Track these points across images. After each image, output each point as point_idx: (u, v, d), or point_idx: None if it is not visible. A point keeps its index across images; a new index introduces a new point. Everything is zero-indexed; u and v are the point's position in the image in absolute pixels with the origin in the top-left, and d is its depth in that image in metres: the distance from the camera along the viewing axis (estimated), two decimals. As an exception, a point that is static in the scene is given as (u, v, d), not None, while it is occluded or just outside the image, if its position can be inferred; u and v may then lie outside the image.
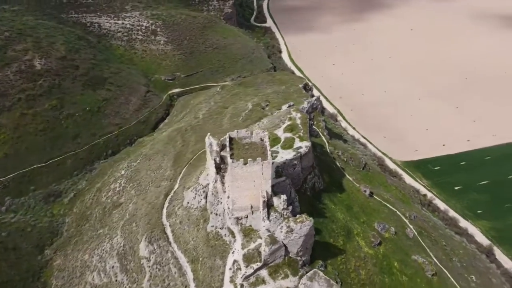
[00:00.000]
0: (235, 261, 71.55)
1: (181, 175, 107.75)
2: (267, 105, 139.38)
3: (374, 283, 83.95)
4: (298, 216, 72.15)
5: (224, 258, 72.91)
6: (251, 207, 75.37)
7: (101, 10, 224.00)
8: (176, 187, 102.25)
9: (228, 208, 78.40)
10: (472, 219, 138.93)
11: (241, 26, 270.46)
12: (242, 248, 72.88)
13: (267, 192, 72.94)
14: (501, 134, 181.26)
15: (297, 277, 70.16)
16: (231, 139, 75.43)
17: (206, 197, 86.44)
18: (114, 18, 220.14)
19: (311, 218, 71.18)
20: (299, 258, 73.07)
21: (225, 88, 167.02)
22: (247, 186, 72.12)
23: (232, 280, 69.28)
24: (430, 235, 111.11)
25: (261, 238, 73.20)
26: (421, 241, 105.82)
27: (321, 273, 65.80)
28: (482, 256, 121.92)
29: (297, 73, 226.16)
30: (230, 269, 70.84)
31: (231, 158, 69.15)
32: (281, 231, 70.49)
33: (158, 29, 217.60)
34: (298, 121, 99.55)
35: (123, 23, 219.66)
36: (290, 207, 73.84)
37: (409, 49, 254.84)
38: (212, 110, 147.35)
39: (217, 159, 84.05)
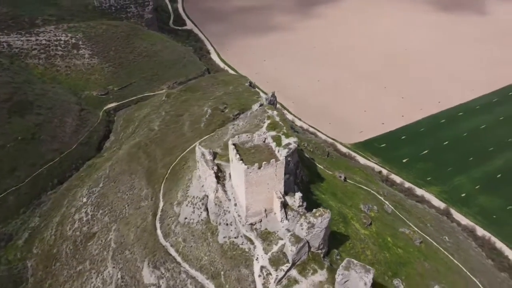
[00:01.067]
0: (262, 267, 70.15)
1: (161, 191, 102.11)
2: (225, 107, 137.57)
3: (380, 261, 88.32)
4: (315, 210, 72.80)
5: (250, 266, 71.08)
6: (265, 210, 74.63)
7: (8, 27, 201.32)
8: (161, 205, 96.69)
9: (239, 216, 76.72)
10: (425, 187, 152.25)
11: (163, 31, 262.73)
12: (266, 253, 71.71)
13: (280, 192, 72.76)
14: (426, 107, 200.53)
15: (325, 270, 71.01)
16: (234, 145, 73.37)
17: (206, 209, 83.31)
18: (26, 34, 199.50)
19: (328, 210, 72.41)
20: (320, 251, 74.12)
21: (171, 96, 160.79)
22: (261, 190, 71.02)
23: (265, 287, 67.94)
24: (404, 207, 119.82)
25: (281, 239, 72.79)
26: (399, 214, 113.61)
27: (355, 261, 67.26)
28: (444, 218, 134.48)
29: (232, 72, 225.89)
30: (260, 276, 69.29)
31: (245, 164, 67.36)
32: (302, 228, 70.53)
33: (80, 42, 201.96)
34: (277, 119, 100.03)
35: (37, 39, 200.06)
36: (305, 203, 74.55)
37: (332, 38, 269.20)
38: (167, 120, 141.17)
39: (215, 168, 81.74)
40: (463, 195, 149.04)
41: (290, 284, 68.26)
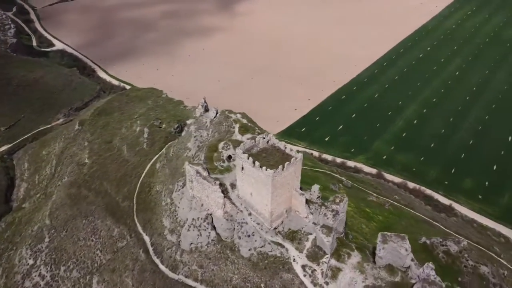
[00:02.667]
0: (304, 266, 69.72)
1: (138, 225, 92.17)
2: (160, 123, 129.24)
3: (373, 231, 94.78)
4: (332, 197, 75.19)
5: (290, 269, 69.80)
6: (286, 210, 74.04)
7: None
8: (147, 239, 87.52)
9: (258, 224, 74.60)
10: (353, 158, 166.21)
11: (32, 55, 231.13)
12: (300, 251, 71.47)
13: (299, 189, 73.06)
14: (325, 87, 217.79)
15: (355, 250, 73.96)
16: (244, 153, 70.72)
17: (214, 228, 78.56)
18: None
19: (344, 194, 75.37)
20: (342, 235, 76.86)
21: (85, 123, 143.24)
22: (283, 192, 70.40)
23: (315, 283, 67.67)
24: (357, 179, 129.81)
25: (310, 234, 73.36)
26: (358, 186, 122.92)
27: (388, 233, 71.66)
28: (381, 181, 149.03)
29: (127, 87, 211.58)
30: (305, 275, 68.77)
31: (271, 169, 65.67)
32: (327, 218, 72.05)
33: None
34: (245, 121, 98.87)
35: None
36: (321, 194, 76.02)
37: (220, 37, 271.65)
38: (97, 150, 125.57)
39: (217, 182, 77.57)
40: (384, 157, 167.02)
41: (335, 274, 69.54)
